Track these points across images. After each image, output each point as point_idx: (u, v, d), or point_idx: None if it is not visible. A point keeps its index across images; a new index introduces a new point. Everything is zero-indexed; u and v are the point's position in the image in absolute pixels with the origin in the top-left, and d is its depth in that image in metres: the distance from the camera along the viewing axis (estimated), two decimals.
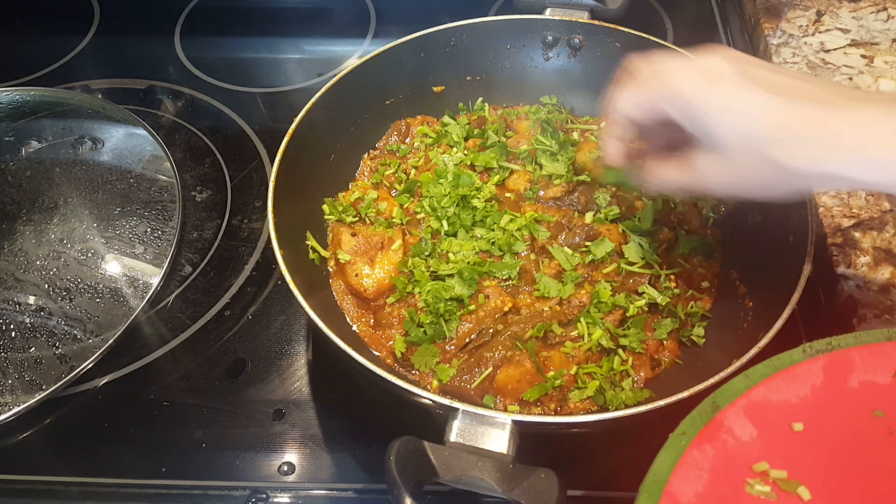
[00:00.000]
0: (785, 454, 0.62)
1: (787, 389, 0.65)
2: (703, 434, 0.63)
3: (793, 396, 0.65)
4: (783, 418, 0.64)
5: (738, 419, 0.64)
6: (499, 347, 0.96)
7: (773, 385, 0.66)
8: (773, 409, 0.64)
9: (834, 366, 0.66)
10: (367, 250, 1.06)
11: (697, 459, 0.61)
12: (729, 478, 0.61)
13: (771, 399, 0.65)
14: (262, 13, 1.69)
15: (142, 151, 1.24)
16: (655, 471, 0.61)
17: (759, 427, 0.63)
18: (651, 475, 0.61)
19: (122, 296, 1.07)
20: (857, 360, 0.67)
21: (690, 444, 0.62)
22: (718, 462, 0.61)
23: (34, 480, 0.98)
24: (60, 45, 1.63)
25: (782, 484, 0.60)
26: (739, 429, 0.63)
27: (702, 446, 0.62)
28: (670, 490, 0.60)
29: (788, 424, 0.64)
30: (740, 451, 0.62)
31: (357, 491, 0.95)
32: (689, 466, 0.61)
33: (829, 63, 1.29)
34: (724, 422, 0.64)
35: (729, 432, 0.63)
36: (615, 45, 1.24)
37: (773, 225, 1.03)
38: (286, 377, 1.06)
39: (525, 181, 1.15)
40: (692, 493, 0.60)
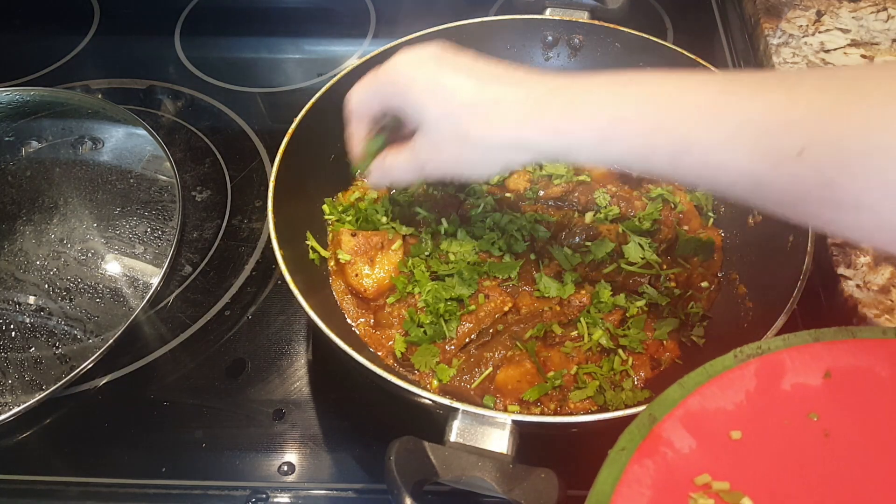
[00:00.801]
0: (726, 464, 0.61)
1: (721, 396, 0.64)
2: (642, 448, 0.61)
3: (728, 403, 0.64)
4: (720, 427, 0.62)
5: (677, 430, 0.62)
6: (499, 347, 0.96)
7: (707, 393, 0.64)
8: (710, 417, 0.63)
9: (765, 370, 0.65)
10: (367, 250, 1.06)
11: (639, 475, 0.60)
12: (672, 493, 0.59)
13: (707, 407, 0.63)
14: (262, 13, 1.69)
15: (142, 151, 1.24)
16: (598, 490, 0.59)
17: (698, 437, 0.62)
18: (593, 495, 0.59)
19: (122, 296, 1.07)
20: (787, 362, 0.66)
21: (631, 460, 0.60)
22: (660, 477, 0.60)
23: (34, 480, 0.98)
24: (60, 45, 1.63)
25: (725, 496, 0.59)
26: (678, 440, 0.62)
27: (642, 461, 0.60)
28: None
29: (726, 433, 0.62)
30: (681, 464, 0.60)
31: (357, 491, 0.95)
32: (630, 483, 0.59)
33: (829, 63, 1.29)
34: (663, 434, 0.62)
35: (668, 445, 0.61)
36: (615, 45, 1.24)
37: (773, 225, 1.03)
38: (286, 377, 1.06)
39: (525, 181, 1.15)
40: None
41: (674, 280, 1.05)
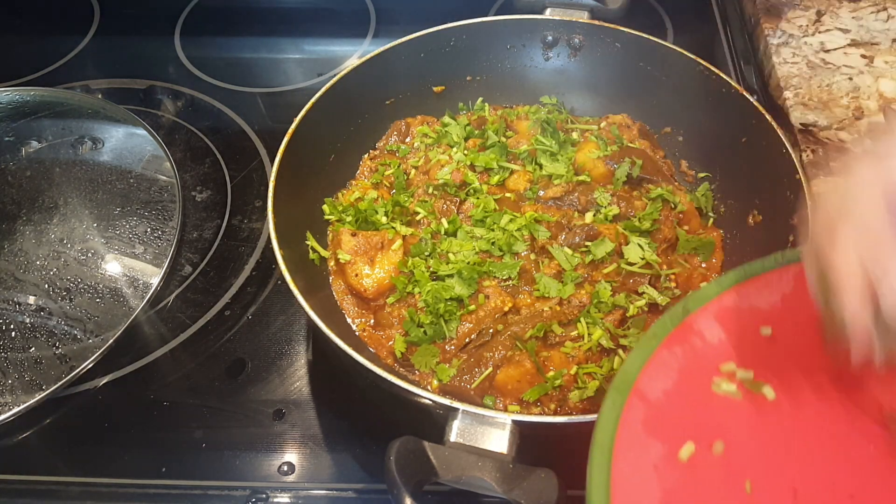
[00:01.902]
0: (752, 357, 0.63)
1: (757, 296, 0.66)
2: (672, 336, 0.63)
3: (763, 303, 0.65)
4: (752, 323, 0.64)
5: (708, 323, 0.64)
6: (499, 347, 0.96)
7: (744, 291, 0.66)
8: (743, 314, 0.65)
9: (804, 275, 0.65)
10: (367, 250, 1.06)
11: (666, 359, 0.62)
12: (697, 377, 0.62)
13: (741, 305, 0.65)
14: (262, 13, 1.69)
15: (142, 151, 1.24)
16: (625, 370, 0.62)
17: (728, 331, 0.64)
18: (621, 374, 0.62)
19: (122, 296, 1.07)
20: None
21: (660, 346, 0.63)
22: (687, 362, 0.62)
23: (34, 480, 0.98)
24: (60, 45, 1.63)
25: (748, 384, 0.61)
26: (709, 332, 0.64)
27: (671, 347, 0.63)
28: (639, 387, 0.61)
29: (757, 329, 0.64)
30: (709, 353, 0.63)
31: (357, 491, 0.95)
32: (658, 366, 0.62)
33: (829, 63, 1.29)
34: (694, 325, 0.64)
35: (698, 335, 0.64)
36: (615, 45, 1.24)
37: (773, 225, 1.03)
38: (286, 377, 1.06)
39: (525, 181, 1.15)
40: (660, 390, 0.61)
41: (674, 280, 1.05)
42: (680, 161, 1.24)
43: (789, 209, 0.99)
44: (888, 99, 1.22)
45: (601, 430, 0.59)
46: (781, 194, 1.02)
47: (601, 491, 0.56)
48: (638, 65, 1.24)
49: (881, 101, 1.22)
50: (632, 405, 0.60)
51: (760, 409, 0.61)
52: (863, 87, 1.25)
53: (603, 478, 0.57)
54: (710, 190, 1.18)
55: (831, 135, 1.17)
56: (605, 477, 0.57)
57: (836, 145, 1.16)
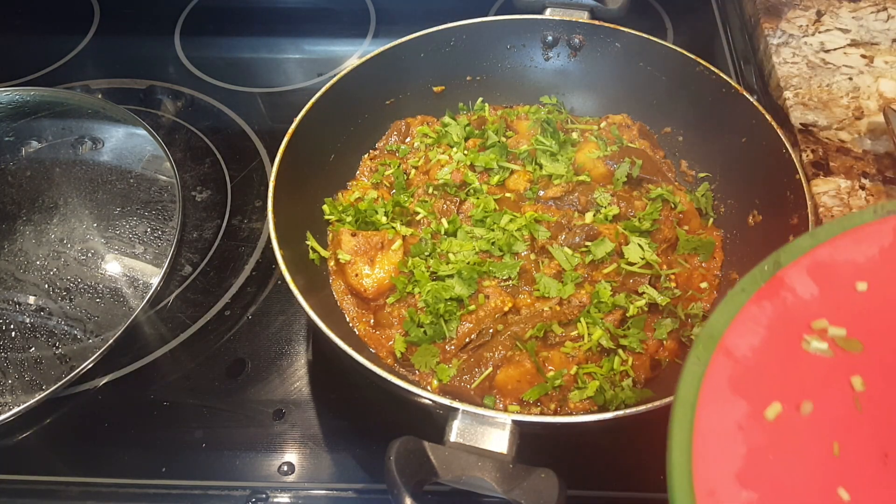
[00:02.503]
0: (846, 313, 0.60)
1: (853, 249, 0.62)
2: (762, 291, 0.60)
3: (859, 256, 0.62)
4: (847, 278, 0.61)
5: (801, 277, 0.61)
6: (499, 347, 0.96)
7: (839, 244, 0.63)
8: (838, 268, 0.62)
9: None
10: (367, 250, 1.06)
11: (755, 315, 0.59)
12: (786, 334, 0.59)
13: (836, 258, 0.62)
14: (262, 13, 1.69)
15: (142, 151, 1.24)
16: (711, 325, 0.59)
17: (822, 285, 0.61)
18: (707, 329, 0.59)
19: (122, 296, 1.07)
20: None
21: (749, 301, 0.60)
22: (776, 318, 0.59)
23: (34, 480, 0.98)
24: (60, 45, 1.63)
25: (840, 341, 0.58)
26: (801, 287, 0.61)
27: (760, 302, 0.60)
28: (725, 343, 0.58)
29: (852, 284, 0.61)
30: (800, 309, 0.60)
31: (357, 491, 0.95)
32: (745, 321, 0.59)
33: (829, 63, 1.29)
34: (786, 279, 0.61)
35: (790, 290, 0.61)
36: (615, 45, 1.24)
37: (773, 225, 1.03)
38: (286, 377, 1.06)
39: (525, 181, 1.15)
40: (747, 346, 0.58)
41: (674, 280, 1.05)
42: (680, 161, 1.24)
43: (789, 209, 0.99)
44: (888, 99, 1.22)
45: (685, 386, 0.57)
46: (781, 194, 1.02)
47: (683, 448, 0.54)
48: (638, 65, 1.24)
49: (881, 101, 1.22)
50: (717, 361, 0.57)
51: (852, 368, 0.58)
52: (863, 87, 1.25)
53: (685, 435, 0.55)
54: (710, 190, 1.18)
55: (831, 135, 1.17)
56: (688, 434, 0.55)
57: (836, 145, 1.16)
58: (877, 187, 1.10)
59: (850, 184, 1.10)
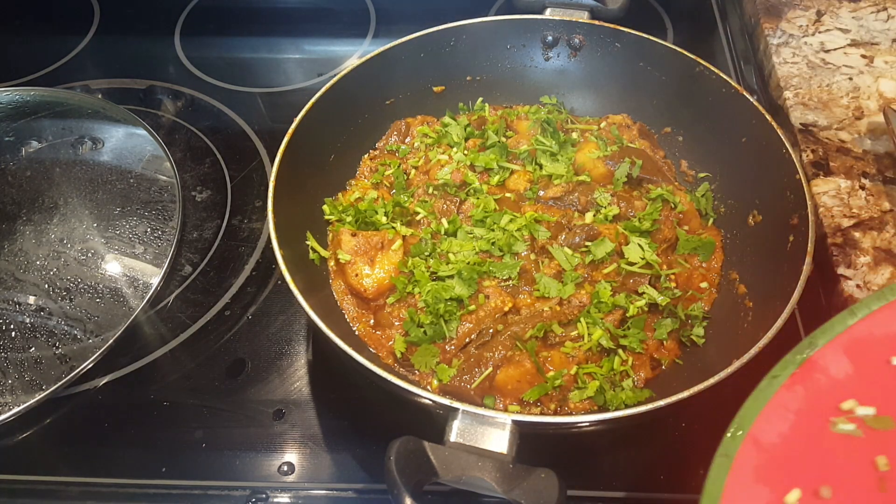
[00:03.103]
0: (879, 390, 0.59)
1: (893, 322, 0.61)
2: (796, 375, 0.60)
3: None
4: (883, 353, 0.60)
5: (836, 356, 0.60)
6: (499, 347, 0.96)
7: (879, 318, 0.62)
8: (875, 343, 0.61)
9: None
10: (367, 250, 1.06)
11: (786, 400, 0.59)
12: (815, 417, 0.59)
13: (875, 333, 0.61)
14: (262, 13, 1.69)
15: (142, 151, 1.24)
16: (742, 416, 0.59)
17: (856, 363, 0.60)
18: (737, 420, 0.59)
19: (122, 296, 1.07)
20: None
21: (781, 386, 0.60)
22: (807, 402, 0.59)
23: (34, 480, 0.98)
24: (60, 45, 1.63)
25: (869, 421, 0.58)
26: (835, 366, 0.60)
27: (793, 387, 0.60)
28: (753, 433, 0.58)
29: (888, 359, 0.60)
30: (830, 390, 0.59)
31: (357, 491, 0.95)
32: (776, 408, 0.59)
33: (829, 63, 1.29)
34: (820, 360, 0.60)
35: (823, 371, 0.60)
36: (615, 45, 1.24)
37: (773, 225, 1.03)
38: (286, 377, 1.06)
39: (525, 181, 1.15)
40: (776, 434, 0.58)
41: (674, 280, 1.05)
42: (680, 161, 1.24)
43: (789, 209, 0.99)
44: (888, 99, 1.22)
45: (711, 482, 0.57)
46: (781, 194, 1.02)
47: None
48: (638, 65, 1.24)
49: (881, 101, 1.22)
50: (744, 452, 0.58)
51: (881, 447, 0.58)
52: (863, 87, 1.25)
53: None
54: (710, 190, 1.18)
55: (831, 135, 1.17)
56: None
57: (836, 145, 1.16)
58: (877, 187, 1.10)
59: (850, 184, 1.10)
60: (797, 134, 1.18)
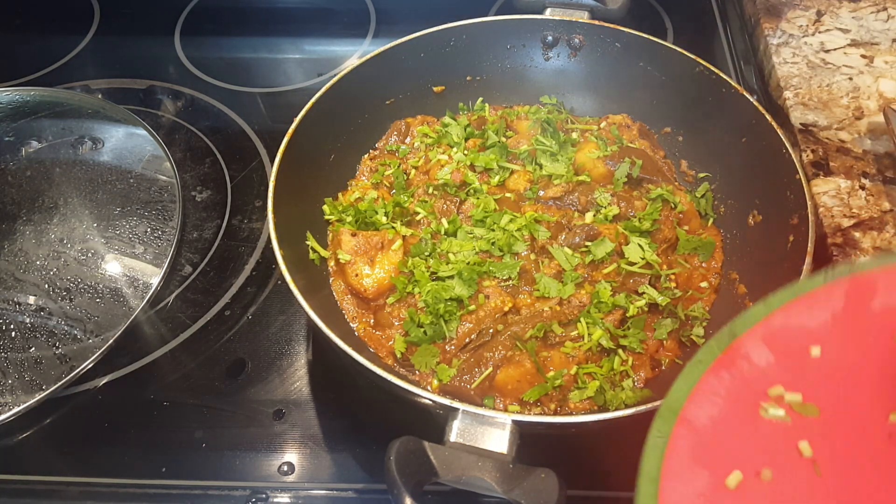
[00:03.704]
0: (801, 378, 0.61)
1: (806, 315, 0.64)
2: (719, 361, 0.62)
3: (812, 322, 0.64)
4: (801, 343, 0.63)
5: (756, 345, 0.63)
6: (499, 347, 0.96)
7: (792, 311, 0.64)
8: (791, 334, 0.63)
9: (855, 290, 0.64)
10: (367, 250, 1.06)
11: (713, 385, 0.61)
12: (744, 402, 0.60)
13: (789, 325, 0.63)
14: (262, 13, 1.69)
15: (142, 151, 1.24)
16: (670, 398, 0.61)
17: (776, 352, 0.62)
18: (666, 403, 0.60)
19: (122, 296, 1.07)
20: (879, 283, 0.64)
21: (706, 371, 0.61)
22: (734, 387, 0.61)
23: (34, 480, 0.98)
24: (60, 45, 1.63)
25: (797, 407, 0.60)
26: (756, 355, 0.62)
27: (718, 373, 0.61)
28: (685, 415, 0.59)
29: (806, 349, 0.62)
30: (756, 377, 0.61)
31: (357, 491, 0.95)
32: (704, 392, 0.61)
33: (829, 63, 1.29)
34: (741, 349, 0.63)
35: (746, 358, 0.62)
36: (615, 45, 1.24)
37: (773, 225, 1.03)
38: (286, 377, 1.06)
39: (525, 181, 1.15)
40: (707, 417, 0.60)
41: (674, 280, 1.05)
42: (680, 161, 1.24)
43: (789, 209, 0.99)
44: (888, 99, 1.22)
45: (647, 460, 0.58)
46: (781, 194, 1.02)
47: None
48: (638, 65, 1.24)
49: (881, 101, 1.22)
50: (678, 434, 0.59)
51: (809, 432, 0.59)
52: (863, 87, 1.25)
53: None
54: (710, 190, 1.18)
55: (831, 135, 1.17)
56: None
57: (836, 145, 1.16)
58: (877, 187, 1.10)
59: (850, 184, 1.10)
60: (797, 134, 1.18)
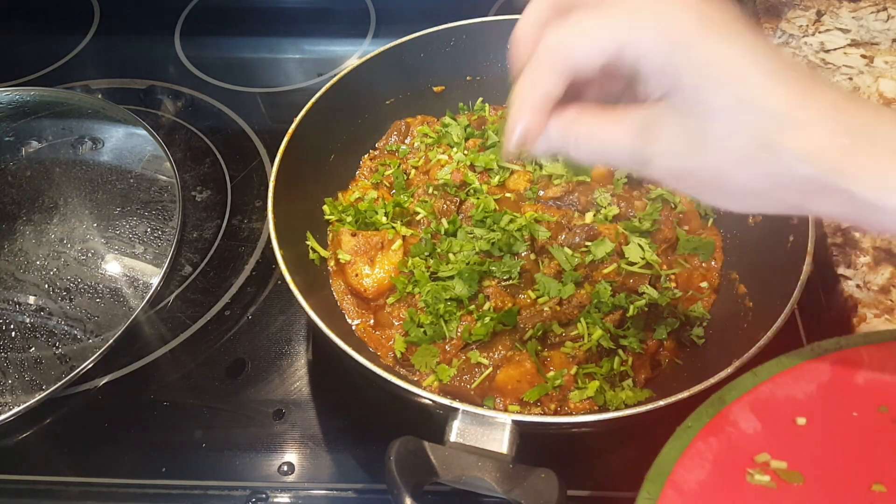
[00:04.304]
0: (787, 446, 0.64)
1: (793, 386, 0.67)
2: (708, 427, 0.65)
3: (799, 393, 0.67)
4: (787, 413, 0.66)
5: (744, 413, 0.66)
6: (499, 347, 0.96)
7: (780, 382, 0.67)
8: (779, 404, 0.66)
9: (841, 364, 0.68)
10: (367, 250, 1.06)
11: (701, 450, 0.64)
12: (731, 467, 0.63)
13: (777, 395, 0.67)
14: (262, 13, 1.69)
15: (142, 151, 1.24)
16: (660, 461, 0.63)
17: (763, 421, 0.65)
18: (656, 465, 0.63)
19: (122, 296, 1.07)
20: (864, 358, 0.68)
21: (695, 437, 0.64)
22: (722, 453, 0.63)
23: (34, 480, 0.98)
24: (60, 45, 1.63)
25: (782, 474, 0.62)
26: (744, 422, 0.65)
27: (706, 438, 0.64)
28: (674, 478, 0.62)
29: (792, 419, 0.65)
30: (743, 443, 0.64)
31: (357, 491, 0.95)
32: (693, 457, 0.63)
33: (829, 63, 1.29)
34: (730, 416, 0.65)
35: (734, 425, 0.65)
36: None
37: (773, 225, 1.03)
38: (286, 377, 1.06)
39: (525, 181, 1.15)
40: (694, 481, 0.62)
41: (674, 280, 1.05)
42: None
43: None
44: (888, 99, 1.22)
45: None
46: None
47: None
48: None
49: (881, 102, 1.22)
50: (666, 496, 0.61)
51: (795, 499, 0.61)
52: (863, 87, 1.25)
53: None
54: None
55: None
56: None
57: None
58: None
59: None
60: None
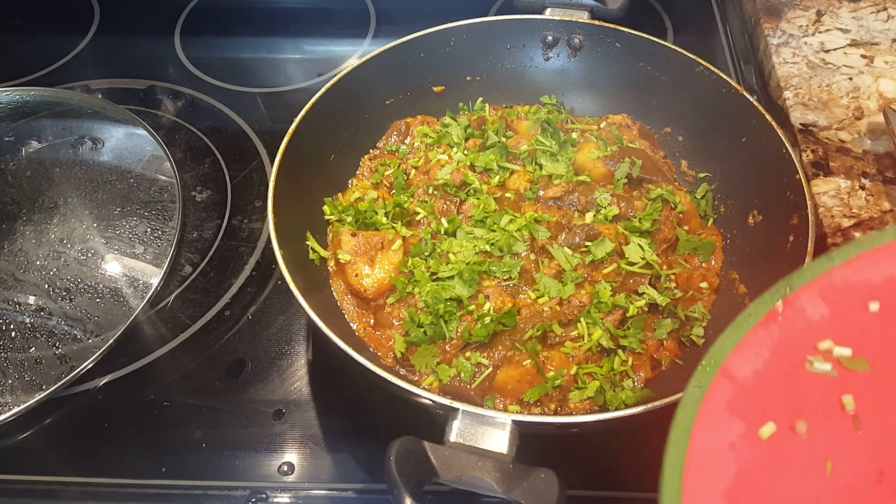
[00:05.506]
0: (854, 333, 0.60)
1: (870, 269, 0.62)
2: (770, 314, 0.61)
3: (876, 276, 0.62)
4: (860, 298, 0.61)
5: (811, 299, 0.61)
6: (499, 347, 0.96)
7: (856, 265, 0.62)
8: (852, 288, 0.61)
9: None
10: (367, 250, 1.06)
11: (761, 338, 0.60)
12: (790, 355, 0.59)
13: (851, 279, 0.62)
14: (262, 13, 1.69)
15: (142, 151, 1.24)
16: (715, 350, 0.60)
17: (833, 307, 0.61)
18: (709, 354, 0.59)
19: (122, 296, 1.07)
20: None
21: (756, 324, 0.60)
22: (782, 341, 0.60)
23: (34, 480, 0.98)
24: (60, 45, 1.63)
25: (845, 361, 0.59)
26: (811, 309, 0.61)
27: (767, 326, 0.60)
28: (727, 367, 0.58)
29: (864, 304, 0.61)
30: (807, 331, 0.60)
31: (357, 491, 0.95)
32: (750, 345, 0.59)
33: (829, 63, 1.29)
34: (796, 302, 0.61)
35: (799, 312, 0.61)
36: (615, 45, 1.24)
37: (773, 225, 1.03)
38: (286, 377, 1.06)
39: (525, 181, 1.15)
40: (750, 369, 0.59)
41: (674, 280, 1.05)
42: (680, 161, 1.24)
43: (789, 209, 0.99)
44: (888, 99, 1.22)
45: (683, 410, 0.57)
46: (781, 194, 1.02)
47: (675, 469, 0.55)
48: (638, 65, 1.24)
49: (881, 101, 1.22)
50: (717, 384, 0.58)
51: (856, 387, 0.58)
52: (863, 87, 1.25)
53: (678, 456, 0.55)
54: (710, 190, 1.18)
55: (831, 135, 1.17)
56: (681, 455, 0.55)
57: (836, 145, 1.16)
58: (877, 187, 1.10)
59: (850, 184, 1.10)
60: (797, 134, 1.18)
